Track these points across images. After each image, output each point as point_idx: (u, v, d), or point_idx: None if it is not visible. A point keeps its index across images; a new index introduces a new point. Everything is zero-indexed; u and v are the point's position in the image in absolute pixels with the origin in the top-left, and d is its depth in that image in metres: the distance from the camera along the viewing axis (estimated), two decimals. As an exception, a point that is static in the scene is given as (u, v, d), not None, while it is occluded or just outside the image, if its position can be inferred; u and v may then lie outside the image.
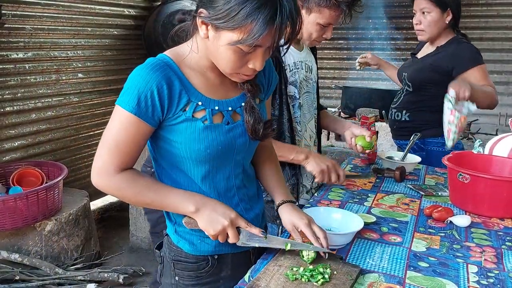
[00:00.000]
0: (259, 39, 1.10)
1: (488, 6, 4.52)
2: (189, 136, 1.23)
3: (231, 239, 1.29)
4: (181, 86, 1.21)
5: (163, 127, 1.25)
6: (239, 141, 1.32)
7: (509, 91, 4.54)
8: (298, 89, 1.93)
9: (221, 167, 1.33)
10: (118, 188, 1.24)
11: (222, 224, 1.26)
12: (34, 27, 3.62)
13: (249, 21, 1.08)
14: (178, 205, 1.28)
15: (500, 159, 1.98)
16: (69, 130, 4.10)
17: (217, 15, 1.11)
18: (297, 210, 1.41)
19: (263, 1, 1.07)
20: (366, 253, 1.44)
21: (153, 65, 1.19)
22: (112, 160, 1.21)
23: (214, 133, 1.26)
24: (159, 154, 1.32)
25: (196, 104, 1.24)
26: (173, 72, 1.21)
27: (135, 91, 1.17)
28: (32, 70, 3.66)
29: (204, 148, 1.25)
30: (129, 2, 4.63)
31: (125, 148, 1.21)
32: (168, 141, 1.27)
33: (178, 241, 1.37)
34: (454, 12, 2.50)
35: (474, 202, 1.78)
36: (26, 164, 3.31)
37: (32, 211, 2.95)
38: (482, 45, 4.53)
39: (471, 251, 1.48)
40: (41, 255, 3.08)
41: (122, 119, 1.19)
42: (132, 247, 3.82)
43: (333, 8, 1.76)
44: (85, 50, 4.17)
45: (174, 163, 1.31)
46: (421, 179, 2.22)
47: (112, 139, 1.21)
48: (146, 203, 1.31)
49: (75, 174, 4.17)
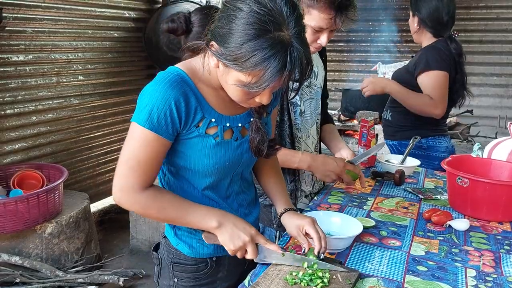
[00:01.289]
0: (266, 88, 1.11)
1: (488, 9, 4.54)
2: (199, 151, 1.26)
3: (250, 255, 1.29)
4: (196, 103, 1.23)
5: (176, 140, 1.26)
6: (245, 157, 1.35)
7: (508, 93, 4.55)
8: (299, 96, 1.92)
9: (223, 178, 1.36)
10: (143, 206, 1.25)
11: (243, 240, 1.27)
12: (34, 29, 3.63)
13: (258, 69, 1.08)
14: (201, 221, 1.28)
15: (499, 163, 1.99)
16: (70, 132, 4.11)
17: (228, 55, 1.10)
18: (298, 214, 1.44)
19: (274, 51, 1.06)
20: (365, 257, 1.44)
21: (170, 81, 1.19)
22: (135, 178, 1.21)
23: (224, 150, 1.28)
24: (166, 160, 1.32)
25: (209, 121, 1.25)
26: (189, 88, 1.22)
27: (154, 109, 1.17)
28: (32, 72, 3.67)
29: (213, 164, 1.28)
30: (129, 4, 4.64)
31: (146, 165, 1.22)
32: (177, 153, 1.28)
33: (177, 244, 1.39)
34: (421, 17, 2.56)
35: (473, 206, 1.79)
36: (27, 167, 3.32)
37: (33, 214, 2.95)
38: (481, 47, 4.57)
39: (470, 255, 1.48)
40: (42, 257, 3.08)
41: (142, 136, 1.19)
42: (133, 250, 3.83)
43: (322, 9, 1.66)
44: (86, 53, 4.18)
45: (179, 171, 1.33)
46: (420, 182, 2.23)
47: (132, 157, 1.21)
48: (169, 219, 1.32)
49: (75, 176, 4.17)
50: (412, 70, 2.55)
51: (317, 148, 2.11)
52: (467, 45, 4.56)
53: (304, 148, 1.98)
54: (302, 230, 1.37)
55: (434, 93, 2.44)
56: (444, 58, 2.46)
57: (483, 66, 4.61)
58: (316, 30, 1.72)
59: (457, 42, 2.56)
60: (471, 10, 4.56)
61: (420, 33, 2.62)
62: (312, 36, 1.74)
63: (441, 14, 2.51)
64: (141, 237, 3.81)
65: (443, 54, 2.47)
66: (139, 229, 3.80)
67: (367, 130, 2.39)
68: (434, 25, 2.53)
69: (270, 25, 1.06)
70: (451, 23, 2.56)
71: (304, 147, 1.98)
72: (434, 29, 2.54)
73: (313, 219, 1.38)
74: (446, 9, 2.51)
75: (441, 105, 2.46)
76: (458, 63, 2.54)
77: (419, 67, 2.50)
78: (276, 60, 1.07)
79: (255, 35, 1.06)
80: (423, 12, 2.55)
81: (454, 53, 2.51)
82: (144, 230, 3.77)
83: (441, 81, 2.44)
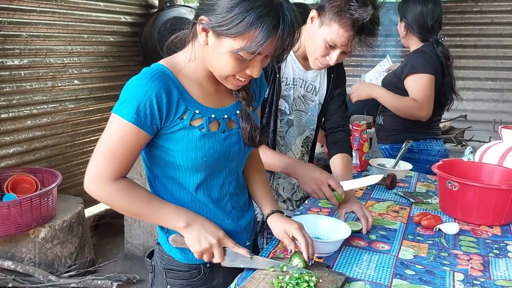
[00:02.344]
0: (262, 47, 1.11)
1: (482, 13, 4.56)
2: (186, 144, 1.24)
3: (216, 258, 1.29)
4: (179, 95, 1.22)
5: (160, 136, 1.25)
6: (234, 149, 1.33)
7: (503, 97, 4.56)
8: (289, 105, 1.90)
9: (215, 175, 1.34)
10: (111, 196, 1.24)
11: (209, 242, 1.27)
12: (30, 34, 3.64)
13: (252, 29, 1.10)
14: (169, 220, 1.28)
15: (489, 167, 1.99)
16: (65, 136, 4.11)
17: (219, 22, 1.12)
18: (286, 218, 1.42)
19: (266, 10, 1.09)
20: (353, 261, 1.44)
21: (151, 74, 1.19)
22: (108, 168, 1.21)
23: (211, 141, 1.27)
24: (153, 162, 1.33)
25: (193, 113, 1.24)
26: (171, 81, 1.22)
27: (134, 101, 1.16)
28: (27, 76, 3.67)
29: (201, 156, 1.26)
30: (125, 9, 4.66)
31: (121, 156, 1.21)
32: (164, 150, 1.27)
33: (170, 250, 1.37)
34: (407, 22, 2.60)
35: (463, 209, 1.79)
36: (21, 171, 3.31)
37: (26, 218, 2.94)
38: (476, 52, 4.58)
39: (458, 259, 1.48)
40: (35, 262, 3.07)
41: (119, 127, 1.19)
42: (127, 254, 3.82)
43: (343, 25, 1.59)
44: (81, 57, 4.18)
45: (168, 172, 1.31)
46: (412, 186, 2.23)
47: (108, 147, 1.20)
48: (136, 214, 1.30)
49: (70, 180, 4.17)
50: (400, 74, 2.57)
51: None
52: (461, 50, 4.59)
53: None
54: (289, 234, 1.36)
55: (419, 96, 2.46)
56: (430, 61, 2.48)
57: (478, 71, 4.62)
58: (329, 45, 1.67)
59: (443, 46, 2.58)
60: (466, 15, 4.57)
61: (407, 38, 2.65)
62: (324, 50, 1.69)
63: (426, 19, 2.53)
64: (136, 242, 3.80)
65: (429, 57, 2.50)
66: (134, 233, 3.79)
67: (359, 134, 2.40)
68: (420, 30, 2.56)
69: None
70: (438, 27, 2.58)
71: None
72: (420, 33, 2.57)
73: (300, 225, 1.37)
74: (431, 14, 2.53)
75: (426, 107, 2.48)
76: (446, 66, 2.55)
77: (405, 70, 2.53)
78: (270, 17, 1.09)
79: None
80: (409, 18, 2.58)
81: (441, 56, 2.52)
82: (138, 234, 3.77)
83: (426, 84, 2.46)
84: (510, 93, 4.53)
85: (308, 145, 2.06)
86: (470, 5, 4.63)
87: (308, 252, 1.31)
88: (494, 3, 4.71)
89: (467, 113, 4.49)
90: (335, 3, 1.60)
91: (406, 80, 2.51)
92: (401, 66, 2.62)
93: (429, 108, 2.49)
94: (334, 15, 1.61)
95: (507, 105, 4.54)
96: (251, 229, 1.49)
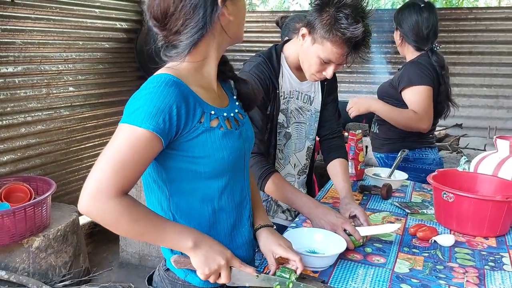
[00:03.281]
0: None
1: (477, 20, 4.57)
2: (211, 146, 1.19)
3: (223, 279, 1.22)
4: (194, 100, 1.18)
5: (179, 145, 1.17)
6: (246, 146, 1.33)
7: (498, 104, 4.57)
8: (287, 118, 1.90)
9: (237, 177, 1.31)
10: (115, 213, 1.09)
11: (218, 264, 1.20)
12: (24, 41, 3.63)
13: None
14: (175, 240, 1.17)
15: (485, 177, 1.99)
16: (60, 144, 4.09)
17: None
18: (275, 235, 1.38)
19: None
20: (349, 276, 1.43)
21: (166, 81, 1.12)
22: (113, 181, 1.07)
23: (231, 139, 1.24)
24: (168, 178, 1.23)
25: (209, 114, 1.21)
26: (184, 87, 1.16)
27: (150, 108, 1.08)
28: (22, 84, 3.66)
29: (227, 156, 1.21)
30: (121, 15, 4.65)
31: (131, 168, 1.09)
32: (186, 159, 1.19)
33: (186, 275, 1.28)
34: (403, 31, 2.60)
35: (458, 221, 1.78)
36: (15, 180, 3.29)
37: (19, 228, 2.92)
38: (471, 59, 4.60)
39: (454, 271, 1.47)
40: (29, 272, 3.05)
41: (132, 136, 1.08)
42: (122, 263, 3.80)
43: (336, 44, 1.60)
44: (76, 64, 4.17)
45: (187, 185, 1.23)
46: (407, 196, 2.22)
47: (117, 158, 1.08)
48: (140, 233, 1.17)
49: (65, 188, 4.15)
50: (396, 84, 2.57)
51: (301, 172, 2.08)
52: (456, 57, 4.60)
53: (287, 171, 1.95)
54: (274, 255, 1.33)
55: (419, 108, 2.45)
56: (427, 73, 2.48)
57: (473, 77, 4.63)
58: (324, 62, 1.67)
59: (438, 54, 2.58)
60: (460, 22, 4.58)
61: (403, 47, 2.65)
62: (319, 66, 1.69)
63: (421, 28, 2.53)
64: (131, 250, 3.78)
65: (425, 69, 2.49)
66: (129, 241, 3.77)
67: (355, 143, 2.39)
68: (415, 39, 2.56)
69: None
70: (433, 36, 2.57)
71: (287, 170, 1.95)
72: (416, 42, 2.57)
73: (288, 245, 1.34)
74: (426, 23, 2.53)
75: (426, 118, 2.47)
76: (441, 75, 2.55)
77: (402, 83, 2.52)
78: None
79: None
80: (404, 27, 2.58)
81: (436, 65, 2.52)
82: (134, 242, 3.75)
83: (425, 96, 2.46)
84: (505, 99, 4.55)
85: (309, 155, 2.06)
86: (465, 12, 4.65)
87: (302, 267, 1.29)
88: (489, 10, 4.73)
89: (462, 120, 4.50)
90: (325, 21, 1.59)
91: (404, 92, 2.51)
92: (397, 76, 2.61)
93: (429, 120, 2.49)
94: (326, 33, 1.60)
95: (502, 112, 4.55)
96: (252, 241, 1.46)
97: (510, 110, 4.54)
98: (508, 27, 4.46)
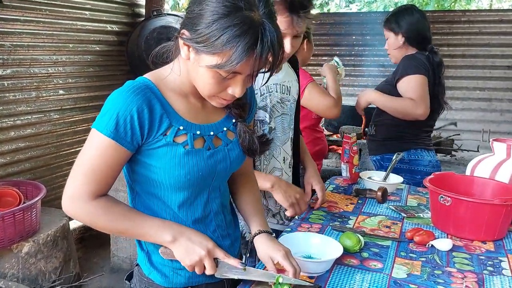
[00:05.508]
0: (236, 66, 1.08)
1: (470, 23, 4.58)
2: (169, 161, 1.19)
3: (208, 270, 1.23)
4: (162, 110, 1.17)
5: (142, 152, 1.20)
6: (219, 167, 1.29)
7: (491, 107, 4.58)
8: (269, 114, 1.87)
9: (199, 193, 1.29)
10: (91, 215, 1.18)
11: (199, 255, 1.22)
12: (13, 43, 3.57)
13: (228, 48, 1.06)
14: (154, 234, 1.22)
15: (481, 180, 1.96)
16: (49, 147, 4.03)
17: (198, 38, 1.09)
18: (273, 241, 1.36)
19: (244, 29, 1.05)
20: (346, 281, 1.40)
21: (133, 88, 1.15)
22: (88, 186, 1.16)
23: (195, 159, 1.22)
24: (135, 179, 1.27)
25: (177, 129, 1.20)
26: (154, 95, 1.17)
27: (114, 115, 1.12)
28: (11, 87, 3.59)
29: (184, 174, 1.20)
30: (111, 18, 4.60)
31: (101, 174, 1.16)
32: (146, 166, 1.22)
33: (150, 272, 1.31)
34: (406, 33, 2.62)
35: (455, 224, 1.76)
36: (4, 184, 3.23)
37: (8, 233, 2.86)
38: (464, 61, 4.60)
39: (452, 277, 1.45)
40: (18, 277, 2.98)
41: (98, 144, 1.14)
42: (113, 268, 3.74)
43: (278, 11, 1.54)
44: (66, 67, 4.11)
45: (150, 189, 1.26)
46: (403, 199, 2.20)
47: (87, 164, 1.16)
48: (120, 231, 1.25)
49: (55, 192, 4.07)
50: (392, 80, 2.57)
51: (291, 165, 2.05)
52: (450, 59, 4.61)
53: (272, 165, 1.91)
54: (274, 261, 1.31)
55: (415, 95, 2.48)
56: (421, 64, 2.52)
57: (466, 80, 4.64)
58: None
59: (437, 54, 2.60)
60: (454, 25, 4.60)
61: (403, 50, 2.65)
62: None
63: (424, 28, 2.58)
64: (122, 255, 3.72)
65: (420, 61, 2.54)
66: (120, 246, 3.71)
67: (349, 146, 2.36)
68: (419, 40, 2.58)
69: (241, 2, 1.06)
70: (430, 36, 2.61)
71: (272, 164, 1.91)
72: (419, 43, 2.59)
73: (287, 251, 1.32)
74: (426, 23, 2.58)
75: (423, 104, 2.48)
76: (438, 72, 2.56)
77: (397, 75, 2.55)
78: (247, 37, 1.06)
79: (226, 13, 1.06)
80: (406, 29, 2.60)
81: (434, 62, 2.53)
82: (125, 247, 3.69)
83: (420, 83, 2.48)
84: (498, 102, 4.55)
85: (291, 147, 2.03)
86: (458, 15, 4.66)
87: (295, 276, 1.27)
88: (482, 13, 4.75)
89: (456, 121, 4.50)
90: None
91: (399, 83, 2.53)
92: (392, 73, 2.63)
93: (426, 106, 2.49)
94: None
95: (495, 115, 4.56)
96: (237, 248, 1.44)
97: (504, 113, 4.54)
98: (502, 30, 4.48)
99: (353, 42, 5.02)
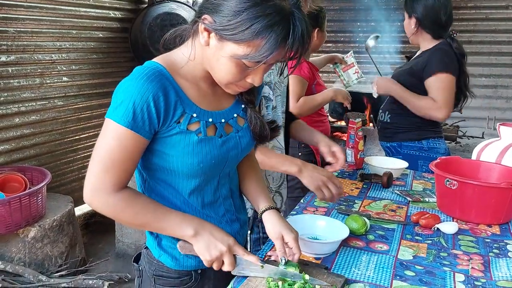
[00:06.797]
0: (267, 58, 1.06)
1: (477, 9, 4.54)
2: (182, 149, 1.18)
3: (227, 266, 1.23)
4: (176, 97, 1.15)
5: (155, 139, 1.18)
6: (231, 154, 1.28)
7: (497, 94, 4.55)
8: (272, 91, 1.87)
9: (210, 180, 1.29)
10: (114, 208, 1.16)
11: (220, 250, 1.21)
12: (17, 29, 3.56)
13: (259, 38, 1.04)
14: (176, 228, 1.21)
15: (488, 165, 1.96)
16: (54, 134, 4.04)
17: (224, 25, 1.05)
18: (284, 220, 1.35)
19: (276, 19, 1.03)
20: (352, 262, 1.41)
21: (147, 74, 1.11)
22: (108, 178, 1.13)
23: (208, 147, 1.21)
24: (145, 166, 1.25)
25: (190, 116, 1.18)
26: (168, 82, 1.14)
27: (130, 104, 1.09)
28: (15, 73, 3.59)
29: (197, 162, 1.19)
30: (115, 4, 4.58)
31: (121, 165, 1.13)
32: (158, 154, 1.20)
33: (160, 255, 1.30)
34: (419, 19, 2.53)
35: (461, 208, 1.76)
36: (9, 170, 3.25)
37: (15, 218, 2.88)
38: (470, 48, 4.56)
39: (458, 259, 1.45)
40: (25, 262, 3.01)
41: (117, 134, 1.11)
42: (118, 253, 3.76)
43: None
44: (70, 53, 4.10)
45: (161, 176, 1.25)
46: (408, 184, 2.20)
47: (107, 156, 1.12)
48: (142, 224, 1.23)
49: (60, 179, 4.10)
50: (420, 74, 2.50)
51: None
52: (455, 46, 4.57)
53: (273, 143, 1.91)
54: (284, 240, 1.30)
55: (440, 97, 2.41)
56: (452, 59, 2.43)
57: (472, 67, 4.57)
58: None
59: (457, 42, 2.52)
60: (460, 11, 4.54)
61: (418, 35, 2.57)
62: None
63: (439, 14, 2.46)
64: (127, 240, 3.74)
65: (450, 55, 2.44)
66: (125, 232, 3.73)
67: (354, 131, 2.36)
68: (432, 26, 2.49)
69: None
70: (450, 23, 2.51)
71: (274, 143, 1.91)
72: (433, 30, 2.50)
73: (297, 235, 1.31)
74: (443, 8, 2.46)
75: (445, 108, 2.42)
76: (461, 63, 2.50)
77: (429, 69, 2.45)
78: (279, 28, 1.03)
79: (258, 1, 1.03)
80: (420, 13, 2.50)
81: (457, 53, 2.47)
82: (130, 233, 3.71)
83: (449, 85, 2.41)
84: (504, 89, 4.52)
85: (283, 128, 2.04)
86: (465, 1, 4.61)
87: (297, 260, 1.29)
88: (489, -1, 4.69)
89: (461, 107, 4.48)
90: None
91: (429, 80, 2.44)
92: (420, 64, 2.53)
93: (448, 110, 2.44)
94: None
95: (500, 102, 4.53)
96: (245, 232, 1.44)
97: (509, 100, 4.52)
98: (509, 16, 4.43)
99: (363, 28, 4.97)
